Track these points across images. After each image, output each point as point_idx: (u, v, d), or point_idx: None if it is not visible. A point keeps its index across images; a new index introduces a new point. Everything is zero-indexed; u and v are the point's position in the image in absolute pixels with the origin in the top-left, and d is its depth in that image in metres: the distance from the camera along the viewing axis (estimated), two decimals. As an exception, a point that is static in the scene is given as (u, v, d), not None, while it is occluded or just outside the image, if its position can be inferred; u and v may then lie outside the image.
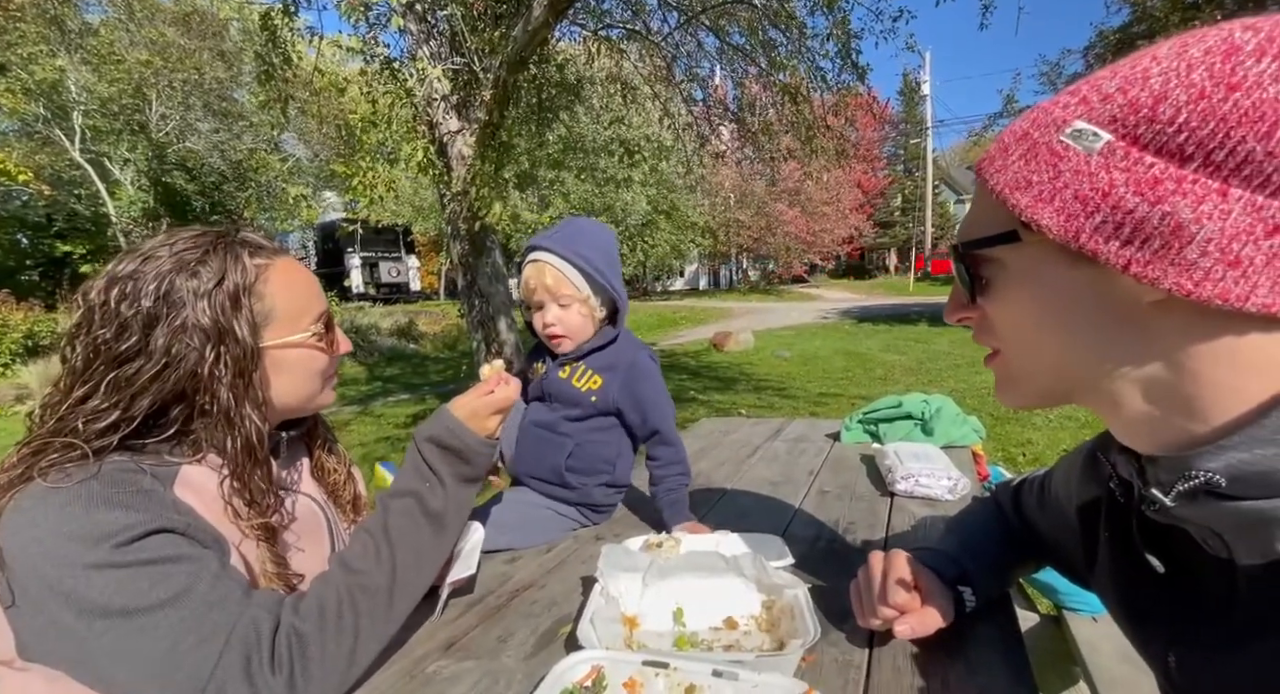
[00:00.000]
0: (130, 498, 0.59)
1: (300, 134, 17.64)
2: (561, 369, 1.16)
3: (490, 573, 0.99)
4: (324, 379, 0.79)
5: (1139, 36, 9.42)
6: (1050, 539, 0.73)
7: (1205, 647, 0.43)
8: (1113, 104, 0.38)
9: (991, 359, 0.51)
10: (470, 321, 4.69)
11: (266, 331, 0.70)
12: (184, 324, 0.64)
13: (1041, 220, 0.39)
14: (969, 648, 0.69)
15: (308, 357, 0.75)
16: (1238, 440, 0.37)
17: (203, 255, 0.67)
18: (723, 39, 5.29)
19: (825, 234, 23.00)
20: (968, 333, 0.51)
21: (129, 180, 14.58)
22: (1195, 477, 0.39)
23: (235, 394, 0.66)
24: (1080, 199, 0.38)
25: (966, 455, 1.48)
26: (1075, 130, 0.39)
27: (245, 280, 0.68)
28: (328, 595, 0.66)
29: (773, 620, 0.75)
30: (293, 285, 0.73)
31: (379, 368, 9.90)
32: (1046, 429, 4.44)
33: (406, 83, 3.78)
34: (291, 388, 0.74)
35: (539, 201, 10.51)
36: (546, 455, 1.14)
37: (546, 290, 1.10)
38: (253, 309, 0.68)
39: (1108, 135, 0.38)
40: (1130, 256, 0.36)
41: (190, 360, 0.64)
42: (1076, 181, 0.38)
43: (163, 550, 0.58)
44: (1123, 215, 0.36)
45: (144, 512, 0.59)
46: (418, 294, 20.64)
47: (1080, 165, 0.38)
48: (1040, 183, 0.40)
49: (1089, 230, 0.38)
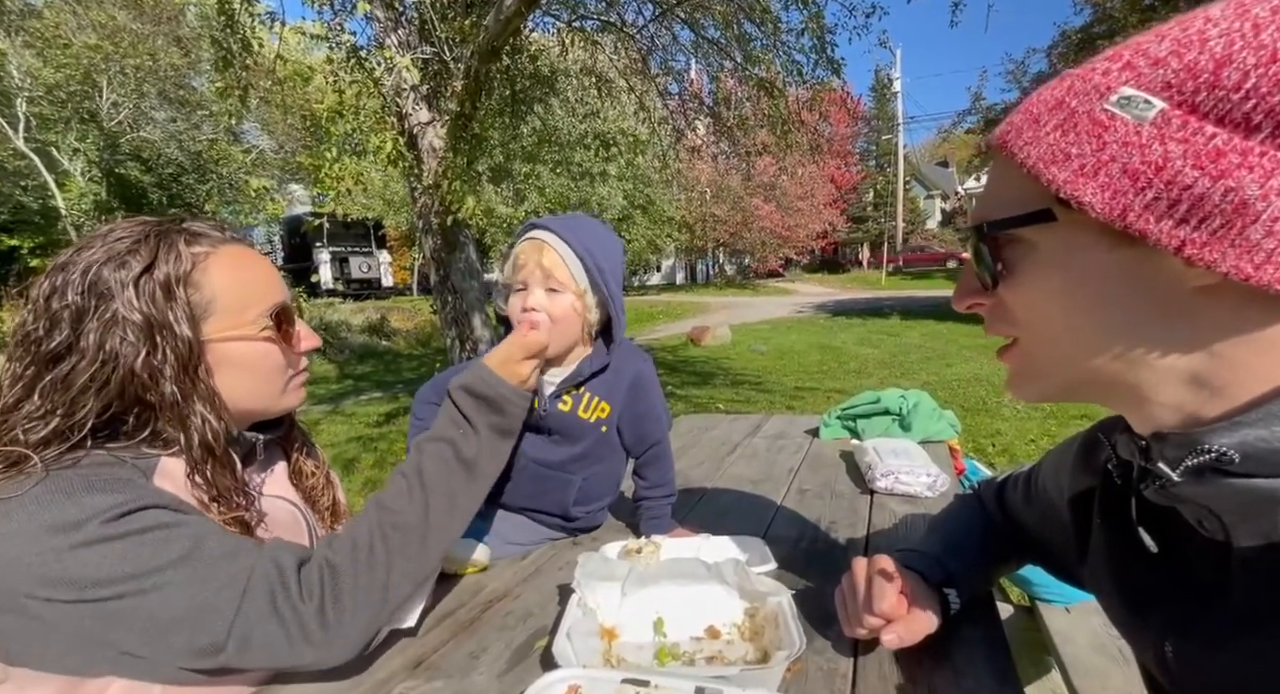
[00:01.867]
0: (112, 482, 0.57)
1: (264, 125, 17.03)
2: (561, 400, 1.00)
3: (462, 584, 0.94)
4: (285, 377, 0.73)
5: (1099, 36, 9.71)
6: (1037, 535, 0.72)
7: (1203, 635, 0.42)
8: (1165, 69, 0.34)
9: (1007, 351, 0.48)
10: (444, 318, 4.59)
11: (207, 324, 0.65)
12: (114, 317, 0.60)
13: (1084, 197, 0.36)
14: (954, 651, 0.68)
15: (260, 352, 0.70)
16: (1255, 417, 0.36)
17: (133, 244, 0.62)
18: (698, 32, 5.26)
19: (800, 229, 23.22)
20: (939, 326, 0.49)
21: (79, 171, 13.89)
22: (1207, 452, 0.37)
23: (182, 390, 0.62)
24: (1129, 174, 0.34)
25: (943, 450, 1.49)
26: (1123, 98, 0.36)
27: (179, 269, 0.63)
28: (360, 531, 0.66)
29: (756, 629, 0.73)
30: (238, 274, 0.68)
31: (350, 366, 9.66)
32: (1014, 420, 4.56)
33: (374, 72, 3.66)
34: (247, 385, 0.69)
35: (514, 196, 10.35)
36: (550, 493, 1.04)
37: (539, 269, 0.94)
38: (190, 300, 0.63)
39: (1161, 103, 0.34)
40: (1185, 237, 0.33)
41: (129, 357, 0.60)
42: (1125, 154, 0.35)
43: (158, 520, 0.57)
44: (1179, 191, 0.33)
45: (128, 492, 0.57)
46: (390, 290, 20.22)
47: (1129, 136, 0.35)
48: (1082, 156, 0.36)
49: (1138, 208, 0.34)
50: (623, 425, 1.05)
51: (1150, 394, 0.40)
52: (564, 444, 1.02)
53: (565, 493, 1.03)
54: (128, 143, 14.99)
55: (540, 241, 0.95)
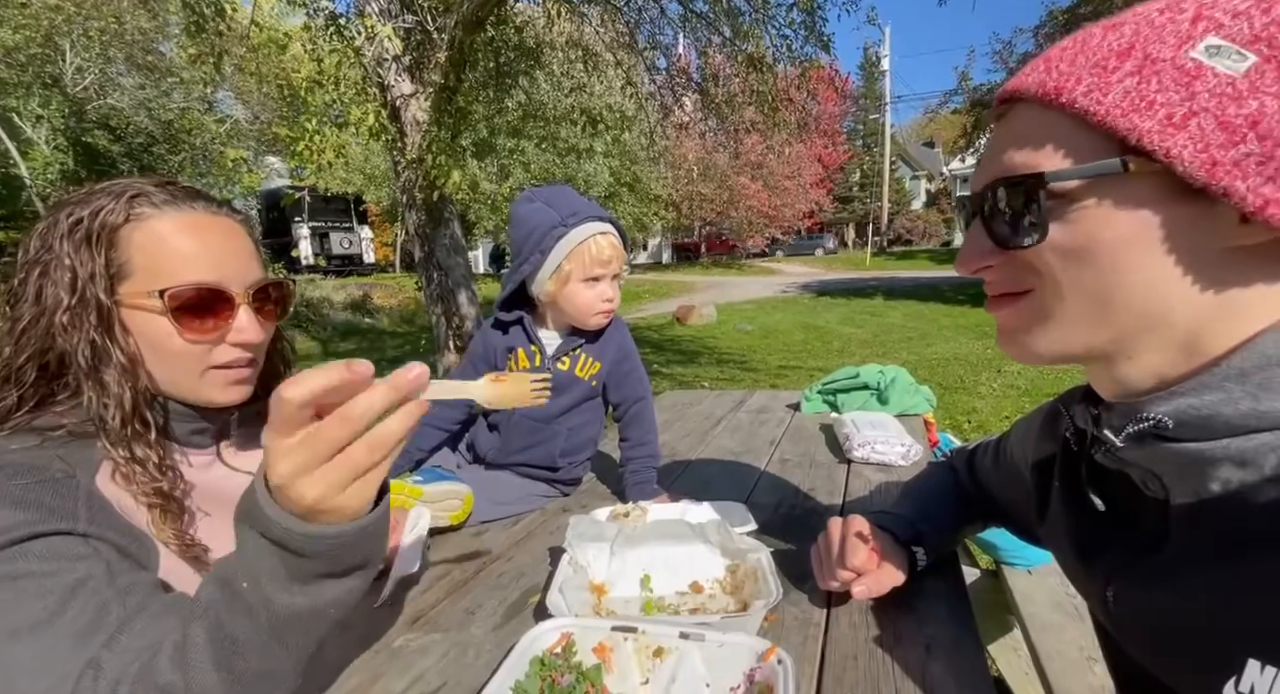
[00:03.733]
0: (29, 491, 0.53)
1: (238, 94, 16.43)
2: (560, 361, 1.12)
3: (456, 547, 0.98)
4: (196, 366, 0.65)
5: (1085, 17, 9.69)
6: (1002, 499, 0.77)
7: (1139, 578, 0.47)
8: (1251, 22, 0.33)
9: (1010, 303, 0.45)
10: (429, 295, 4.55)
11: (122, 286, 0.62)
12: (51, 263, 0.60)
13: (1173, 149, 0.34)
14: (918, 602, 0.73)
15: (159, 330, 0.62)
16: (1189, 386, 0.40)
17: (86, 196, 0.62)
18: (686, 6, 5.17)
19: (786, 208, 23.20)
20: (922, 306, 0.50)
21: (43, 139, 13.34)
22: (1146, 420, 0.41)
23: (96, 352, 0.60)
24: (1223, 126, 0.33)
25: (919, 423, 1.55)
26: (1210, 46, 0.34)
27: (105, 223, 0.61)
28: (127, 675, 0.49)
29: (737, 584, 0.78)
30: (164, 242, 0.63)
31: (333, 343, 9.55)
32: (990, 398, 4.68)
33: (354, 41, 3.56)
34: (152, 363, 0.64)
35: (498, 171, 10.18)
36: (540, 445, 1.13)
37: (620, 261, 1.08)
38: (108, 257, 0.61)
39: (1253, 56, 0.33)
40: (1269, 197, 0.32)
41: (55, 305, 0.60)
42: (1218, 106, 0.33)
43: (42, 561, 0.51)
44: (1273, 147, 0.32)
45: (36, 510, 0.53)
46: (372, 267, 19.86)
47: (1222, 87, 0.33)
48: (1169, 105, 0.34)
49: (1227, 164, 0.33)
50: (609, 383, 1.16)
51: (1139, 353, 0.41)
52: (557, 399, 1.12)
53: (553, 444, 1.12)
54: (94, 110, 14.39)
55: (611, 235, 1.07)
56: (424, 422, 1.15)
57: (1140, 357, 0.42)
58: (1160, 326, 0.40)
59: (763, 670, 0.56)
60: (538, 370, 1.12)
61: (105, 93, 14.29)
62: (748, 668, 0.57)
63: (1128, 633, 0.50)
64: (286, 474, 0.42)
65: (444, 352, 4.57)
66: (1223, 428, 0.38)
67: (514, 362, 1.13)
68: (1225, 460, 0.38)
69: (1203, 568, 0.41)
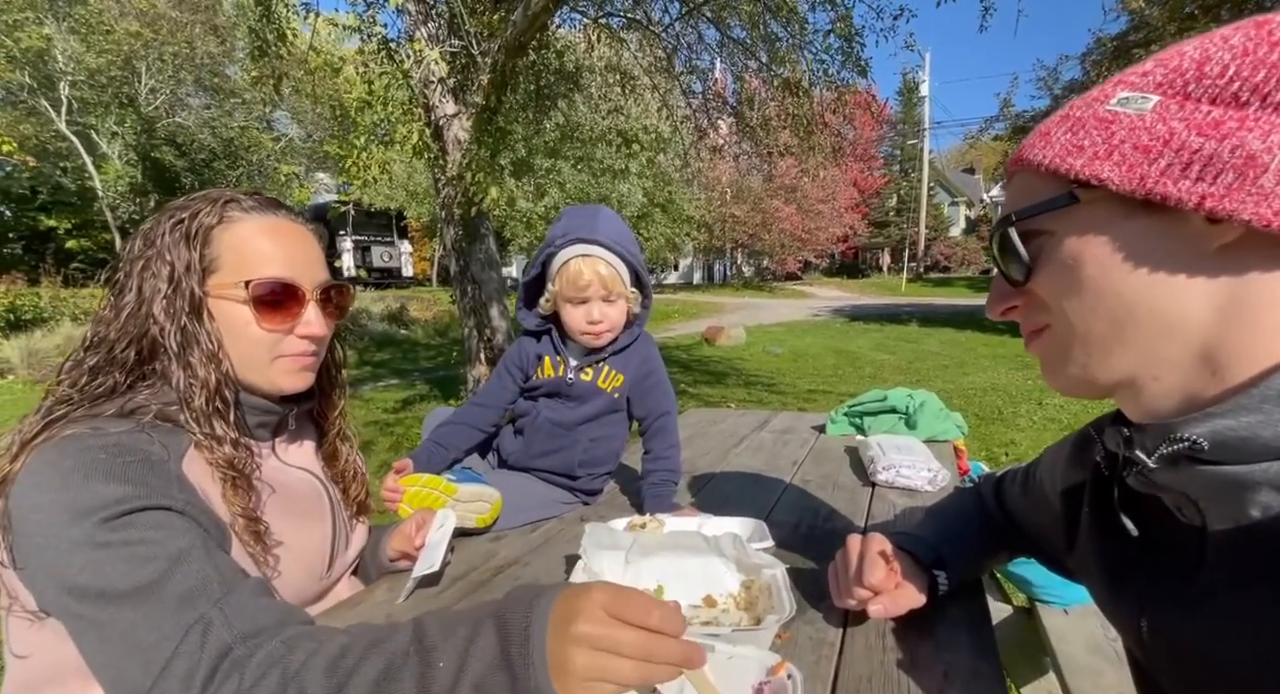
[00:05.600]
0: (132, 470, 0.58)
1: (294, 114, 17.37)
2: (583, 371, 1.13)
3: (475, 550, 1.00)
4: (268, 353, 0.72)
5: (1135, 44, 9.50)
6: (1031, 528, 0.75)
7: (1175, 608, 0.45)
8: (1152, 76, 0.40)
9: (1037, 337, 0.50)
10: (462, 308, 4.67)
11: (211, 279, 0.69)
12: (152, 258, 0.67)
13: (1101, 173, 0.40)
14: (938, 628, 0.71)
15: (240, 318, 0.70)
16: (1225, 408, 0.39)
17: (187, 201, 0.70)
18: (723, 32, 5.27)
19: (820, 232, 23.05)
20: (958, 334, 0.51)
21: (116, 154, 14.31)
22: (1180, 441, 0.40)
23: (186, 337, 0.67)
24: (1140, 149, 0.39)
25: (948, 449, 1.51)
26: (1122, 98, 0.41)
27: (204, 223, 0.69)
28: (274, 670, 0.50)
29: (750, 599, 0.77)
30: (250, 241, 0.71)
31: (369, 352, 9.83)
32: (1030, 431, 4.51)
33: (404, 64, 3.74)
34: (231, 348, 0.70)
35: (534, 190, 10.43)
36: (560, 451, 1.15)
37: (601, 284, 1.05)
38: (202, 252, 0.68)
39: (1156, 96, 0.40)
40: (1204, 192, 0.36)
41: (153, 296, 0.66)
42: (1134, 136, 0.40)
43: (149, 530, 0.56)
44: (1189, 154, 0.37)
45: (141, 486, 0.58)
46: (410, 280, 20.45)
47: (1134, 124, 0.40)
48: (1094, 145, 0.41)
49: (1155, 175, 0.38)
50: (633, 397, 1.16)
51: (1163, 372, 0.43)
52: (579, 407, 1.13)
53: (572, 452, 1.13)
54: (163, 127, 15.40)
55: (595, 257, 1.05)
56: (462, 421, 1.19)
57: (1165, 376, 0.42)
58: (1173, 336, 0.41)
59: (772, 685, 0.55)
60: (560, 379, 1.14)
61: (174, 112, 15.29)
62: (757, 682, 0.56)
63: (1163, 664, 0.48)
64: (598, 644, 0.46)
65: (475, 363, 4.67)
66: (1261, 451, 0.37)
67: (541, 370, 1.16)
68: (1265, 484, 0.37)
69: (1242, 596, 0.40)
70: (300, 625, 0.57)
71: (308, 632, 0.56)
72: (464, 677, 0.48)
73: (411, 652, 0.50)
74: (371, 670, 0.49)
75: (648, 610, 0.48)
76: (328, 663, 0.50)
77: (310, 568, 0.78)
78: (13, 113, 13.11)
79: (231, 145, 16.03)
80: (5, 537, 0.57)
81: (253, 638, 0.53)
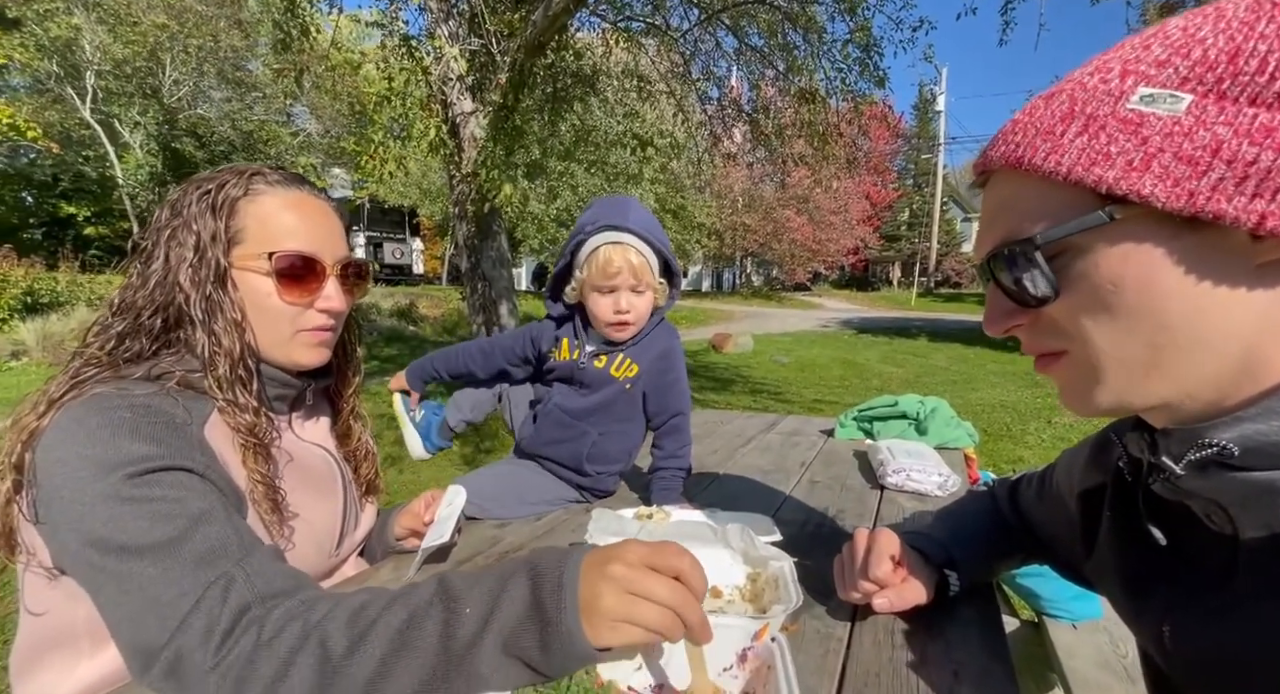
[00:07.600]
0: (158, 430, 0.59)
1: (313, 109, 17.59)
2: (598, 358, 1.10)
3: (479, 536, 0.99)
4: (289, 326, 0.73)
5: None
6: (1045, 532, 0.73)
7: (1201, 615, 0.44)
8: (1176, 68, 0.36)
9: (1055, 363, 0.45)
10: (472, 305, 4.69)
11: (236, 249, 0.70)
12: (179, 227, 0.68)
13: (1143, 189, 0.35)
14: (949, 627, 0.70)
15: (262, 289, 0.70)
16: (1254, 412, 0.38)
17: (215, 173, 0.70)
18: (741, 39, 5.29)
19: (831, 243, 23.01)
20: (967, 350, 0.48)
21: (138, 144, 14.53)
22: (1209, 447, 0.39)
23: (210, 305, 0.68)
24: (1184, 159, 0.35)
25: (958, 457, 1.49)
26: (1145, 96, 0.36)
27: (230, 194, 0.69)
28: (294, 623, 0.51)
29: (756, 592, 0.76)
30: (275, 215, 0.71)
31: (377, 347, 9.87)
32: (1039, 448, 4.46)
33: (423, 61, 3.78)
34: (254, 320, 0.71)
35: (547, 192, 10.48)
36: (568, 442, 1.11)
37: (632, 273, 1.02)
38: (228, 223, 0.69)
39: (1188, 96, 0.35)
40: (1263, 210, 0.33)
41: (180, 264, 0.67)
42: (1172, 144, 0.35)
43: (172, 489, 0.57)
44: (1244, 167, 0.33)
45: (166, 446, 0.59)
46: (420, 278, 20.62)
47: (1169, 128, 0.35)
48: (1124, 153, 0.36)
49: (1205, 191, 0.34)
50: (649, 392, 1.12)
51: (1197, 392, 0.40)
52: (589, 395, 1.10)
53: (581, 445, 1.11)
54: (185, 119, 15.62)
55: (626, 246, 1.02)
56: (461, 350, 1.21)
57: (1201, 393, 0.40)
58: (1213, 354, 0.38)
59: (755, 649, 0.55)
60: (574, 363, 1.12)
61: (196, 103, 15.51)
62: (740, 648, 0.56)
63: (1185, 671, 0.47)
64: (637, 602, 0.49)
65: (481, 360, 4.67)
66: None
67: (558, 351, 1.14)
68: None
69: (1274, 603, 0.38)
70: (315, 590, 0.58)
71: (326, 593, 0.56)
72: (492, 623, 0.49)
73: (435, 601, 0.51)
74: (394, 620, 0.50)
75: (680, 556, 0.52)
76: (349, 615, 0.51)
77: (320, 543, 0.78)
78: (39, 100, 13.35)
79: (250, 138, 16.23)
80: (29, 491, 0.57)
81: (271, 598, 0.54)
